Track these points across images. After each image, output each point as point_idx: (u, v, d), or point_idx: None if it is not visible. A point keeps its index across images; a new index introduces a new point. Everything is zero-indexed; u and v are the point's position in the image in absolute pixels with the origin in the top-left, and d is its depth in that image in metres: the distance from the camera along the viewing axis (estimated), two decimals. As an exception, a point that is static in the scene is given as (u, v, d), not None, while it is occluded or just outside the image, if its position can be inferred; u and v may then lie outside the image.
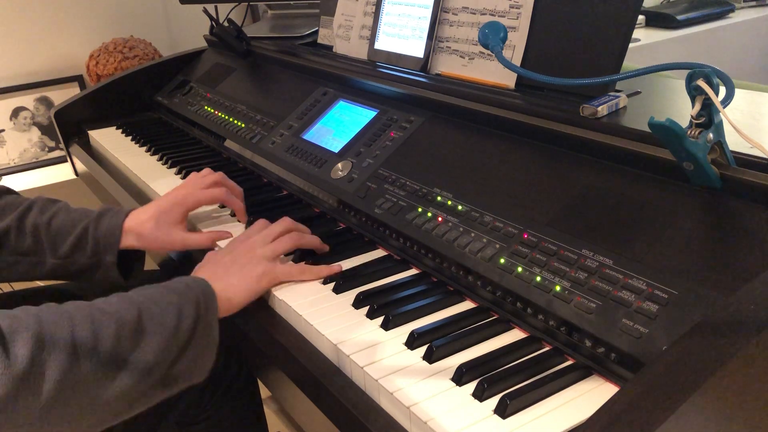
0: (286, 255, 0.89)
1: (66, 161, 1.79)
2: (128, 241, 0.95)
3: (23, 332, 0.60)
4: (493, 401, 0.61)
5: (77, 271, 0.95)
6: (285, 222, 0.91)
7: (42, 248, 0.94)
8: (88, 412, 0.64)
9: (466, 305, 0.78)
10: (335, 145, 1.09)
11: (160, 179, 1.24)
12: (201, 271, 0.83)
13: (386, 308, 0.76)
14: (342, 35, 1.32)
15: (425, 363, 0.67)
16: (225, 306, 0.78)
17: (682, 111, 0.82)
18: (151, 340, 0.68)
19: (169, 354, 0.69)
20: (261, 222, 0.93)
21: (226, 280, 0.80)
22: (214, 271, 0.82)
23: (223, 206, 1.09)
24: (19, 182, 1.87)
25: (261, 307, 0.84)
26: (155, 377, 0.68)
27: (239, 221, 1.04)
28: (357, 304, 0.78)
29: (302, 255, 0.90)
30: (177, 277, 0.79)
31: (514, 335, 0.72)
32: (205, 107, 1.47)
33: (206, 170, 1.07)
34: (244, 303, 0.81)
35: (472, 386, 0.63)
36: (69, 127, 1.63)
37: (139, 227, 0.95)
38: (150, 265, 1.06)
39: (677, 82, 0.97)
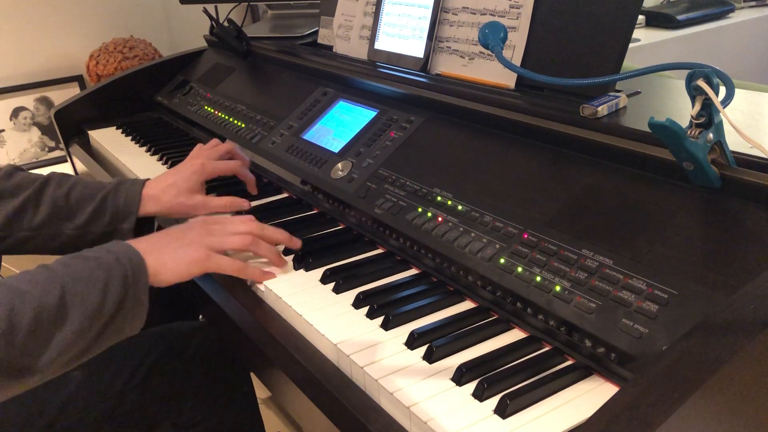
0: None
1: (66, 161, 1.79)
2: (147, 208, 0.98)
3: None
4: (493, 401, 0.61)
5: (91, 243, 0.96)
6: (250, 225, 0.89)
7: (59, 220, 0.96)
8: (12, 382, 0.66)
9: (466, 305, 0.78)
10: (335, 145, 1.09)
11: (160, 179, 1.24)
12: (143, 240, 0.82)
13: (386, 308, 0.76)
14: (342, 35, 1.32)
15: (425, 363, 0.67)
16: (152, 280, 0.78)
17: (682, 111, 0.82)
18: (74, 319, 0.69)
19: (92, 329, 0.70)
20: (245, 217, 0.93)
21: (160, 256, 0.80)
22: (154, 243, 0.82)
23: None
24: (19, 182, 1.86)
25: (260, 307, 0.84)
26: (80, 346, 0.69)
27: (250, 193, 1.10)
28: (357, 304, 0.78)
29: (309, 252, 0.90)
30: (114, 242, 0.79)
31: (514, 335, 0.72)
32: (205, 107, 1.47)
33: (214, 141, 1.12)
34: (170, 282, 0.81)
35: (472, 386, 0.63)
36: (69, 127, 1.63)
37: (160, 194, 0.99)
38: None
39: (677, 82, 0.97)
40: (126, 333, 0.75)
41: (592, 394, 0.62)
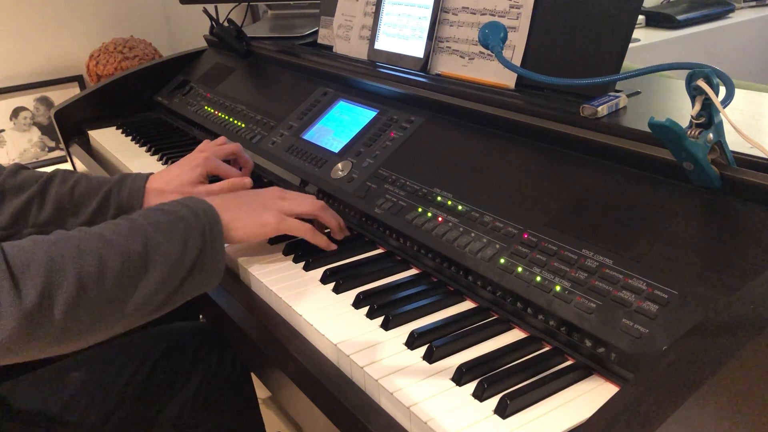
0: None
1: (66, 161, 1.79)
2: (151, 201, 1.00)
3: (33, 268, 0.64)
4: (493, 401, 0.61)
5: None
6: (317, 201, 0.92)
7: (65, 216, 0.98)
8: (99, 329, 0.69)
9: (466, 305, 0.78)
10: (335, 145, 1.09)
11: (160, 179, 1.24)
12: (218, 198, 0.86)
13: (386, 308, 0.76)
14: (342, 35, 1.32)
15: (425, 363, 0.67)
16: (226, 236, 0.81)
17: (682, 111, 0.82)
18: (155, 270, 0.71)
19: (173, 281, 0.73)
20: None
21: (234, 213, 0.83)
22: (229, 201, 0.85)
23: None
24: (19, 182, 1.86)
25: (260, 307, 0.84)
26: (161, 298, 0.72)
27: None
28: (357, 304, 0.78)
29: (308, 252, 0.90)
30: (190, 197, 0.82)
31: (514, 335, 0.72)
32: (205, 107, 1.47)
33: (222, 138, 1.14)
34: (243, 240, 0.86)
35: (472, 386, 0.63)
36: (69, 127, 1.63)
37: (163, 186, 1.01)
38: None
39: (677, 82, 0.97)
40: (204, 286, 0.77)
41: (592, 394, 0.62)
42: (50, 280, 0.64)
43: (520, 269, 0.72)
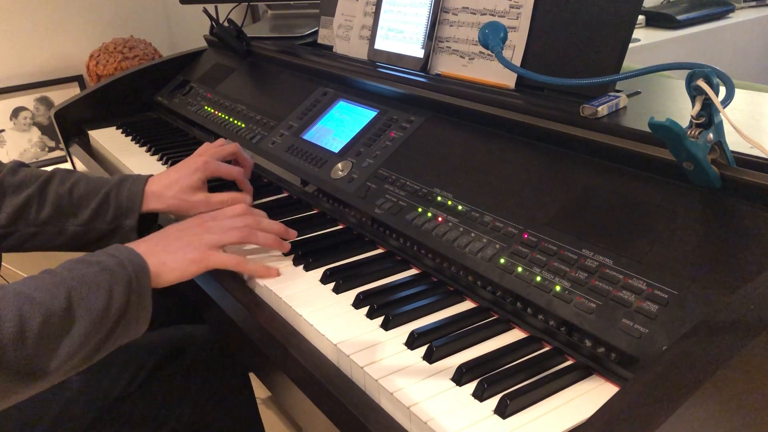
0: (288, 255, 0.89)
1: (66, 161, 1.79)
2: (150, 205, 0.99)
3: None
4: (493, 401, 0.61)
5: (95, 239, 0.97)
6: (246, 218, 0.90)
7: (63, 217, 0.97)
8: (23, 387, 0.66)
9: (466, 305, 0.78)
10: (335, 145, 1.09)
11: (160, 179, 1.24)
12: (143, 242, 0.83)
13: (386, 308, 0.76)
14: (342, 35, 1.32)
15: (425, 363, 0.67)
16: (154, 281, 0.79)
17: (682, 111, 0.82)
18: (80, 325, 0.69)
19: (97, 334, 0.70)
20: (238, 207, 0.93)
21: (161, 257, 0.81)
22: (153, 245, 0.83)
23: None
24: (19, 182, 1.86)
25: (260, 307, 0.84)
26: (86, 352, 0.70)
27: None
28: (357, 304, 0.78)
29: (308, 252, 0.90)
30: (116, 245, 0.79)
31: (514, 335, 0.72)
32: (205, 107, 1.47)
33: (221, 140, 1.13)
34: (172, 283, 0.82)
35: (472, 386, 0.63)
36: (69, 127, 1.63)
37: (162, 190, 0.99)
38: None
39: (677, 82, 0.97)
40: (131, 336, 0.76)
41: (592, 394, 0.62)
42: None
43: (520, 269, 0.72)
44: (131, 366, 0.99)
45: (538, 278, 0.70)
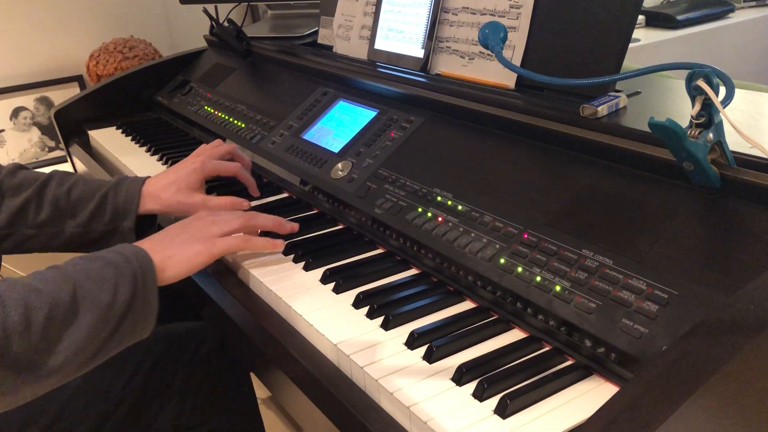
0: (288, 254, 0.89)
1: (66, 161, 1.79)
2: (147, 206, 0.99)
3: None
4: (493, 401, 0.61)
5: (93, 240, 0.97)
6: (245, 214, 0.91)
7: (61, 218, 0.97)
8: (27, 383, 0.65)
9: (466, 305, 0.78)
10: (335, 145, 1.09)
11: (160, 179, 1.24)
12: (147, 241, 0.83)
13: (386, 308, 0.76)
14: (342, 35, 1.32)
15: (425, 363, 0.67)
16: (160, 277, 0.79)
17: (682, 111, 0.82)
18: (85, 318, 0.68)
19: (104, 329, 0.70)
20: (237, 210, 0.94)
21: (165, 252, 0.81)
22: (159, 241, 0.83)
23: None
24: (19, 182, 1.86)
25: (260, 307, 0.84)
26: (93, 348, 0.69)
27: (252, 195, 1.10)
28: (357, 304, 0.78)
29: (308, 252, 0.90)
30: (120, 244, 0.79)
31: (514, 335, 0.72)
32: (205, 107, 1.47)
33: (217, 141, 1.13)
34: (178, 277, 0.82)
35: (472, 386, 0.63)
36: (69, 127, 1.63)
37: (160, 191, 0.99)
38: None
39: (677, 82, 0.97)
40: (138, 334, 0.75)
41: (592, 394, 0.62)
42: None
43: (520, 269, 0.72)
44: (132, 362, 0.99)
45: (538, 278, 0.70)
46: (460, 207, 0.84)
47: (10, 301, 0.64)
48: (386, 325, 0.73)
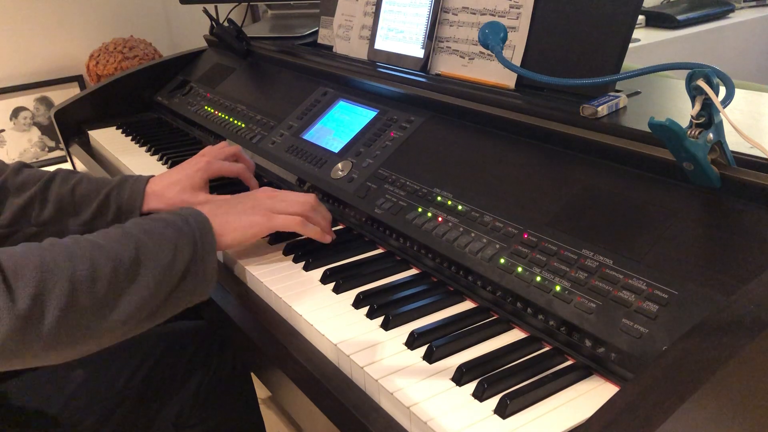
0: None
1: (66, 161, 1.79)
2: (151, 205, 0.99)
3: (26, 272, 0.63)
4: (493, 401, 0.61)
5: None
6: (309, 196, 0.92)
7: (65, 217, 0.98)
8: (92, 336, 0.67)
9: (466, 305, 0.78)
10: (335, 145, 1.09)
11: (160, 179, 1.24)
12: (207, 204, 0.86)
13: (386, 308, 0.76)
14: (342, 35, 1.32)
15: (425, 363, 0.67)
16: (218, 241, 0.81)
17: (682, 111, 0.82)
18: (147, 275, 0.71)
19: (165, 287, 0.72)
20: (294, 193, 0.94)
21: (224, 218, 0.83)
22: (217, 207, 0.85)
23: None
24: (19, 182, 1.86)
25: (260, 307, 0.84)
26: (153, 305, 0.71)
27: None
28: (357, 304, 0.78)
29: (308, 252, 0.90)
30: (181, 207, 0.82)
31: (514, 335, 0.72)
32: (205, 107, 1.47)
33: (223, 143, 1.14)
34: (236, 244, 0.85)
35: (472, 386, 0.63)
36: (69, 127, 1.63)
37: (164, 190, 1.00)
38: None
39: (677, 82, 0.97)
40: (197, 296, 0.77)
41: (592, 394, 0.62)
42: (43, 285, 0.63)
43: (520, 269, 0.72)
44: (133, 361, 0.99)
45: (538, 278, 0.70)
46: (460, 207, 0.84)
47: (79, 256, 0.67)
48: (386, 325, 0.73)
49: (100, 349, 0.70)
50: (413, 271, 0.86)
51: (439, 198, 0.87)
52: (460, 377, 0.64)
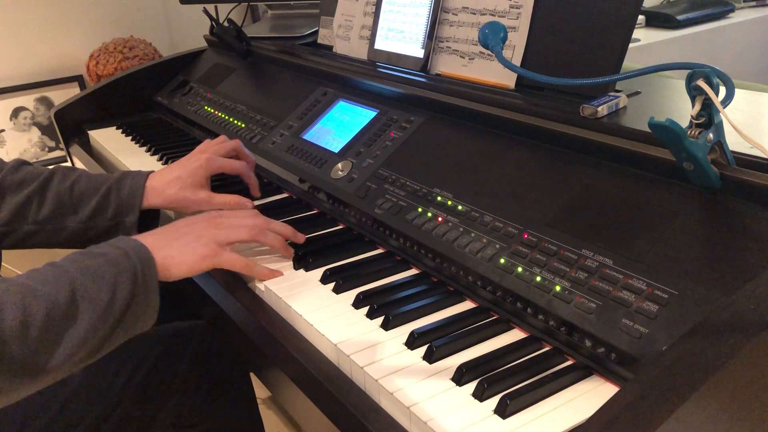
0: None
1: (66, 161, 1.79)
2: (151, 201, 0.98)
3: None
4: (493, 401, 0.61)
5: (96, 236, 0.97)
6: (256, 218, 0.89)
7: (64, 214, 0.96)
8: (33, 380, 0.65)
9: (466, 305, 0.78)
10: (335, 145, 1.09)
11: (160, 179, 1.24)
12: (150, 235, 0.82)
13: (386, 308, 0.76)
14: (342, 35, 1.32)
15: (425, 363, 0.67)
16: (161, 275, 0.77)
17: (682, 111, 0.82)
18: (84, 316, 0.68)
19: (103, 327, 0.69)
20: (249, 210, 0.93)
21: (168, 250, 0.79)
22: (161, 238, 0.81)
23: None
24: (19, 182, 1.86)
25: (260, 307, 0.84)
26: (94, 344, 0.69)
27: (253, 195, 1.09)
28: (357, 304, 0.78)
29: (308, 252, 0.90)
30: (121, 237, 0.78)
31: (514, 335, 0.72)
32: (205, 107, 1.47)
33: (222, 137, 1.12)
34: (179, 277, 0.80)
35: (472, 386, 0.63)
36: (69, 127, 1.63)
37: (164, 187, 0.98)
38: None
39: (677, 82, 0.97)
40: (137, 330, 0.74)
41: (592, 394, 0.62)
42: None
43: (520, 269, 0.72)
44: (131, 361, 0.99)
45: (538, 278, 0.70)
46: (460, 207, 0.84)
47: (7, 305, 0.63)
48: (386, 325, 0.73)
49: (33, 392, 0.67)
50: (413, 271, 0.86)
51: (439, 198, 0.87)
52: (460, 377, 0.64)
